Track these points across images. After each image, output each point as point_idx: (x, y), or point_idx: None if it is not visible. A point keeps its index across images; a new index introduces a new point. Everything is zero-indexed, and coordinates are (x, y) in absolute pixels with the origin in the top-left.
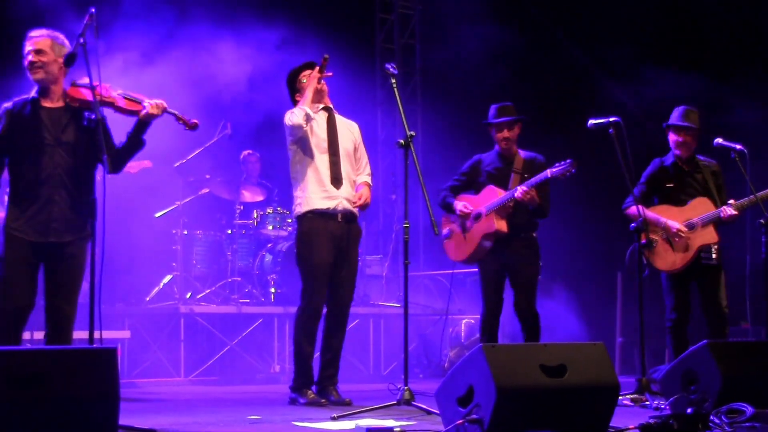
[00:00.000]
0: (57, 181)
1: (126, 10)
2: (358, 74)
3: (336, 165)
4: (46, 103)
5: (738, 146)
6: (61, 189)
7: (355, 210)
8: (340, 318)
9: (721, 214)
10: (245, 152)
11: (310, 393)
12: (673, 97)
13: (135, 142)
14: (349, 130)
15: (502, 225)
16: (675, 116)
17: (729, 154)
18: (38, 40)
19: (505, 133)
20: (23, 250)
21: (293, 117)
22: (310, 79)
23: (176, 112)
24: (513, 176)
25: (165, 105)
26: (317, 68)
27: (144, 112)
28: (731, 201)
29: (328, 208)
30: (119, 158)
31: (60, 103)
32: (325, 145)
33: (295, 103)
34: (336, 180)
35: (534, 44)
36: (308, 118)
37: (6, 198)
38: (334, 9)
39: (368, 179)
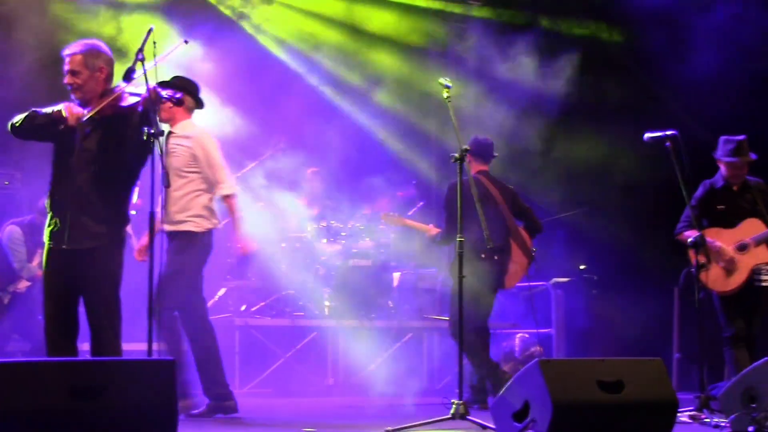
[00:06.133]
0: (73, 188)
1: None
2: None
3: None
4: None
5: None
6: (78, 196)
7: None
8: None
9: None
10: (311, 169)
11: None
12: None
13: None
14: None
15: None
16: (725, 150)
17: None
18: (71, 59)
19: None
20: (55, 256)
21: None
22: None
23: (165, 93)
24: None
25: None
26: None
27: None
28: None
29: None
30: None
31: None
32: None
33: None
34: None
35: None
36: None
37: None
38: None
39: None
